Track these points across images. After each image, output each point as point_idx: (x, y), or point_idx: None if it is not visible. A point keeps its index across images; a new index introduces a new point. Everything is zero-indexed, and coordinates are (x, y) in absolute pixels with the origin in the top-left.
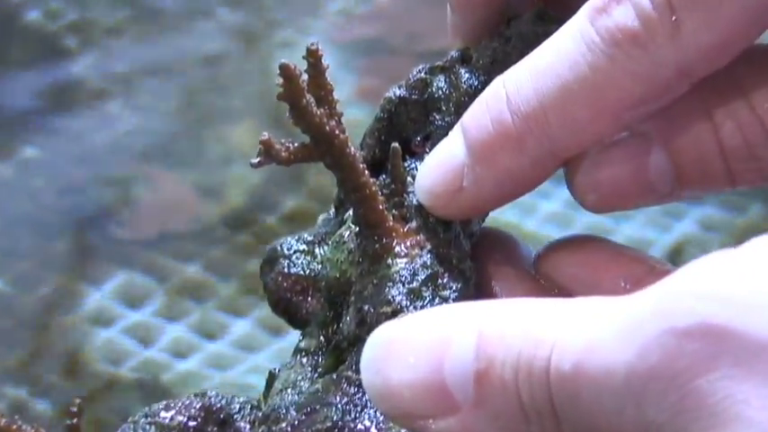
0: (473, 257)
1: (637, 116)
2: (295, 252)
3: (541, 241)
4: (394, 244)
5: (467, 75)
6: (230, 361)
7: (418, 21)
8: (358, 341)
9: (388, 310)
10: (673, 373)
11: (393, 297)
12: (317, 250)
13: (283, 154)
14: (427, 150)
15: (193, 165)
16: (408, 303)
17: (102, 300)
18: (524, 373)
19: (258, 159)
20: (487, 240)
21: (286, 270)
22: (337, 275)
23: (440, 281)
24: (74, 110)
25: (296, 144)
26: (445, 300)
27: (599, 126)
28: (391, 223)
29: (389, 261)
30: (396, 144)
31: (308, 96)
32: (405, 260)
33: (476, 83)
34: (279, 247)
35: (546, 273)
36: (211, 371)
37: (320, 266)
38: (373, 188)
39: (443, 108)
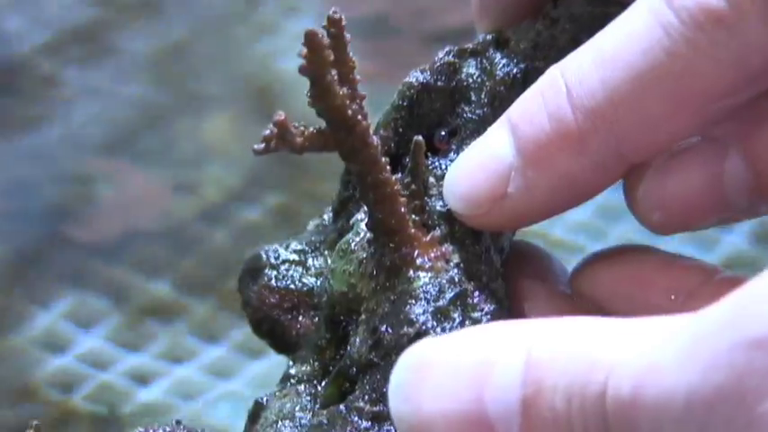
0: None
1: (720, 110)
2: (283, 262)
3: (571, 250)
4: (416, 255)
5: (503, 61)
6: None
7: None
8: (370, 367)
9: (411, 331)
10: (740, 394)
11: (416, 316)
12: (309, 261)
13: (298, 140)
14: (453, 147)
15: (162, 160)
16: (434, 324)
17: (50, 321)
18: (578, 400)
19: (263, 145)
20: (515, 254)
21: (273, 283)
22: (344, 290)
23: (470, 300)
24: (23, 96)
25: (311, 129)
26: (477, 323)
27: (677, 123)
28: (413, 230)
29: (411, 274)
30: (420, 137)
31: (333, 73)
32: (429, 274)
33: (514, 70)
34: (263, 256)
35: (583, 291)
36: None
37: (314, 279)
38: (395, 187)
39: (474, 98)
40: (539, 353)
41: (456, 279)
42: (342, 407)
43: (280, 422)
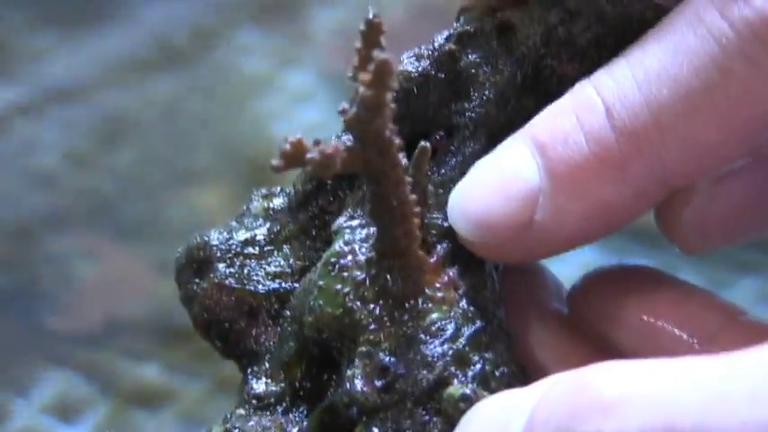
0: None
1: None
2: (236, 255)
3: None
4: (425, 281)
5: (510, 55)
6: None
7: None
8: (378, 411)
9: (430, 376)
10: None
11: (434, 358)
12: (266, 257)
13: (338, 161)
14: (452, 149)
15: (149, 233)
16: (456, 370)
17: (31, 414)
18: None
19: (283, 162)
20: (507, 267)
21: (228, 281)
22: (338, 314)
23: (483, 338)
24: None
25: (343, 149)
26: (495, 366)
27: (728, 149)
28: (420, 253)
29: (421, 305)
30: (426, 144)
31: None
32: (443, 307)
33: (524, 67)
34: (212, 245)
35: (582, 313)
36: None
37: (273, 282)
38: (414, 209)
39: (474, 94)
40: (540, 407)
41: (469, 314)
42: None
43: None
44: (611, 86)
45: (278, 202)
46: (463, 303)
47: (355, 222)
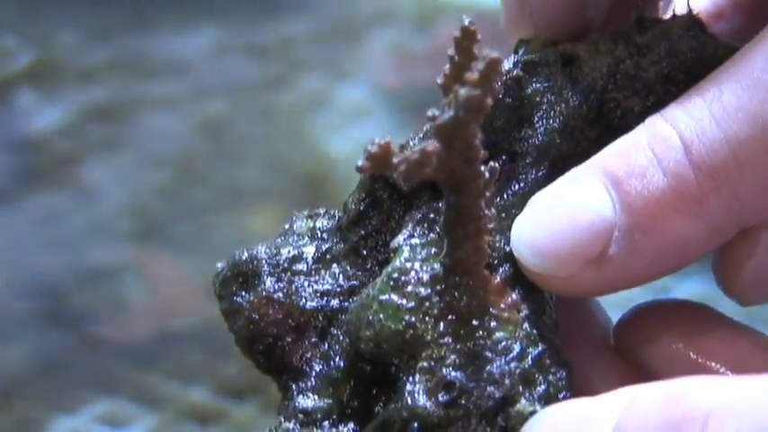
0: None
1: None
2: (284, 270)
3: None
4: (490, 301)
5: (575, 86)
6: None
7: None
8: (440, 427)
9: (497, 393)
10: None
11: (501, 376)
12: (314, 274)
13: (434, 163)
14: (515, 175)
15: (198, 252)
16: (523, 389)
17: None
18: None
19: (368, 163)
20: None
21: (277, 295)
22: (399, 328)
23: (545, 361)
24: (40, 180)
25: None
26: (557, 390)
27: None
28: (486, 273)
29: (488, 324)
30: (496, 165)
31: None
32: (509, 327)
33: (591, 97)
34: (261, 259)
35: (630, 347)
36: None
37: (321, 300)
38: (489, 225)
39: (539, 123)
40: (628, 418)
41: (532, 336)
42: None
43: None
44: (689, 122)
45: (323, 222)
46: (526, 326)
47: (415, 241)
